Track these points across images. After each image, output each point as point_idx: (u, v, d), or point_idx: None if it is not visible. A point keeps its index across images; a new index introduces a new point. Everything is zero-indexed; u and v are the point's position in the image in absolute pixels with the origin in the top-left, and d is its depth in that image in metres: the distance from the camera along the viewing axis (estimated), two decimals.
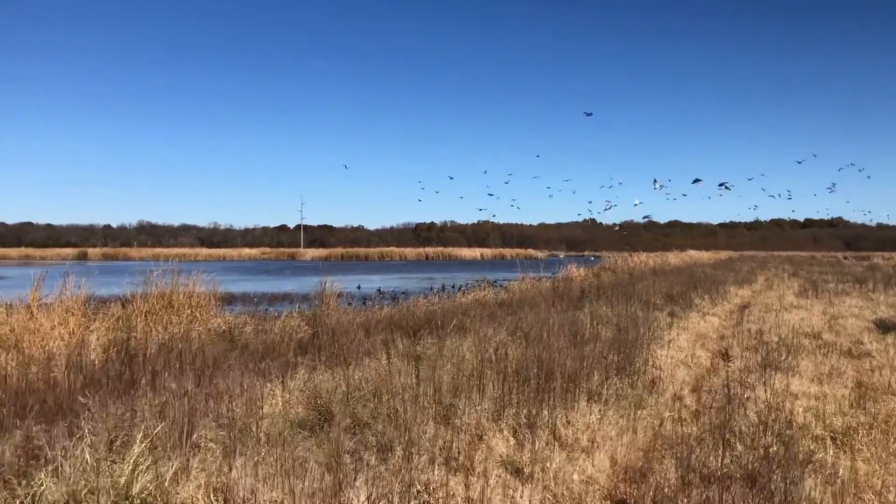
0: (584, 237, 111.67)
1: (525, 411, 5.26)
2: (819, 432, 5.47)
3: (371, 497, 3.57)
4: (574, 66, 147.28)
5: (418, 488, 3.79)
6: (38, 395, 4.97)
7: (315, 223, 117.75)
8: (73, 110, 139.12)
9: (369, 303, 13.73)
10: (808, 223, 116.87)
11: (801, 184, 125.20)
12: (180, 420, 4.16)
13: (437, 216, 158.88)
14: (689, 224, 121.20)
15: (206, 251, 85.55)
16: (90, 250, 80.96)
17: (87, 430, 3.74)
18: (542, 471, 4.29)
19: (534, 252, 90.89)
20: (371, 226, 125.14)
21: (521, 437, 4.90)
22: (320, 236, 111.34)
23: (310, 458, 4.18)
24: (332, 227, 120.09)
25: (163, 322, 9.77)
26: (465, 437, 4.69)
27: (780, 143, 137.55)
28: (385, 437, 4.52)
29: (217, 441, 4.23)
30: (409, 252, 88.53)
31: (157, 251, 66.74)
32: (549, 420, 5.20)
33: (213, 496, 3.48)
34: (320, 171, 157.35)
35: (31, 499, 3.21)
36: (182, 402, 4.47)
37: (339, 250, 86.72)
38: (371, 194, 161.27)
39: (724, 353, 8.13)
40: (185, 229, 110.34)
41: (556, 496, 4.08)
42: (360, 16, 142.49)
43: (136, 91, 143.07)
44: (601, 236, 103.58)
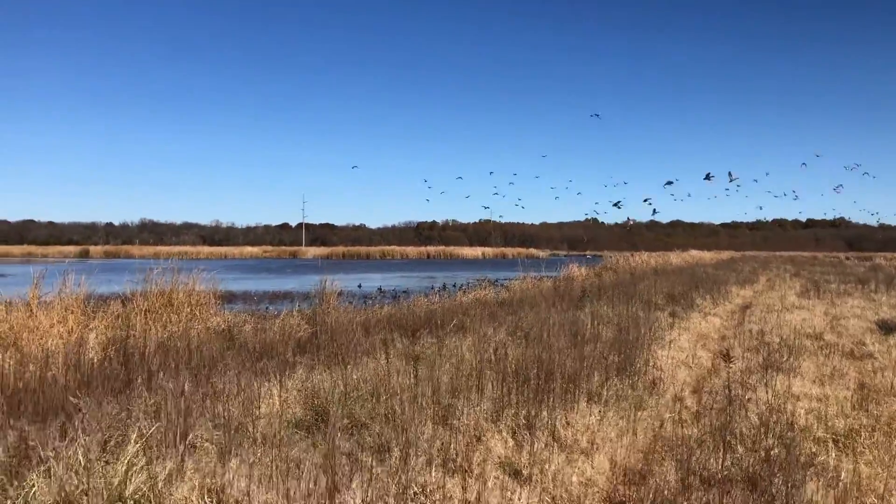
0: (586, 236, 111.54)
1: (524, 412, 5.22)
2: (821, 434, 5.42)
3: (366, 499, 3.54)
4: (579, 67, 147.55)
5: (415, 490, 3.76)
6: (34, 394, 4.94)
7: (317, 221, 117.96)
8: (75, 108, 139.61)
9: (370, 302, 13.71)
10: (811, 223, 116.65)
11: (806, 184, 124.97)
12: (175, 420, 4.12)
13: (439, 215, 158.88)
14: (692, 224, 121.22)
15: (207, 249, 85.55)
16: (92, 248, 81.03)
17: (80, 430, 3.71)
18: (541, 473, 4.25)
19: (535, 251, 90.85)
20: (373, 224, 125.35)
21: (520, 439, 4.85)
22: (322, 235, 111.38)
23: (306, 459, 4.14)
24: (333, 225, 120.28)
25: (162, 320, 9.74)
26: (463, 438, 4.65)
27: (785, 143, 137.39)
28: (382, 438, 4.48)
29: (213, 441, 4.20)
30: (411, 251, 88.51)
31: (159, 249, 66.87)
32: (548, 421, 5.16)
33: (207, 498, 3.44)
34: (322, 170, 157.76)
35: (22, 500, 3.18)
36: (178, 402, 4.44)
37: (341, 249, 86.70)
38: (373, 193, 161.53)
39: (725, 354, 8.07)
40: (187, 227, 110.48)
41: (554, 498, 4.04)
42: (363, 13, 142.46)
43: (139, 89, 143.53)
44: (603, 236, 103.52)
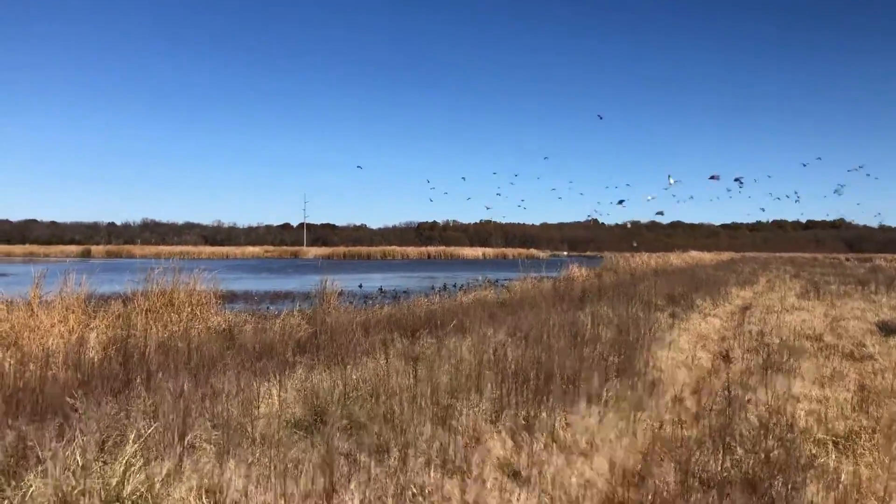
0: (586, 237, 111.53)
1: (523, 413, 5.21)
2: (821, 436, 5.41)
3: (364, 500, 3.53)
4: (581, 69, 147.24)
5: (413, 491, 3.75)
6: (33, 394, 4.93)
7: (318, 222, 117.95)
8: (77, 107, 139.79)
9: (370, 302, 13.71)
10: (811, 224, 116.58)
11: (808, 186, 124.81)
12: (174, 420, 4.12)
13: (440, 215, 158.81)
14: (692, 225, 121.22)
15: (209, 249, 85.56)
16: (94, 248, 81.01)
17: (78, 430, 3.71)
18: (540, 474, 4.24)
19: (536, 252, 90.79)
20: (374, 225, 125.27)
21: (520, 440, 4.85)
22: (323, 235, 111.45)
23: (305, 460, 4.14)
24: (334, 225, 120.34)
25: (163, 320, 9.75)
26: (462, 439, 4.64)
27: (787, 145, 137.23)
28: (381, 439, 4.47)
29: (211, 442, 4.19)
30: (412, 251, 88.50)
31: (161, 249, 66.86)
32: (547, 422, 5.15)
33: (205, 498, 3.43)
34: (324, 170, 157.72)
35: (19, 500, 3.17)
36: (177, 402, 4.44)
37: (342, 249, 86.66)
38: (374, 193, 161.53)
39: (725, 355, 8.07)
40: (189, 227, 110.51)
41: (552, 500, 4.03)
42: (365, 13, 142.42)
43: (141, 88, 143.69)
44: (603, 236, 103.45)
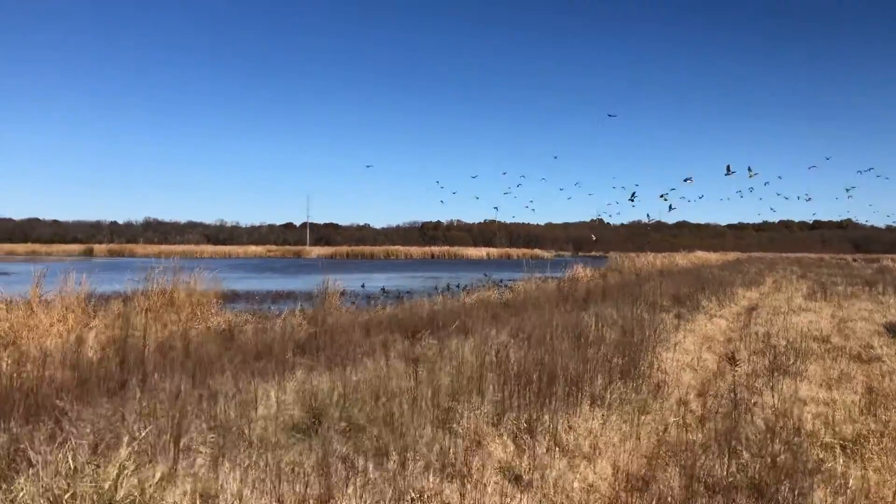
0: (594, 237, 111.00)
1: (526, 416, 5.13)
2: (828, 440, 5.31)
3: None
4: (590, 69, 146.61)
5: (412, 496, 3.67)
6: (28, 395, 4.87)
7: (321, 221, 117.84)
8: (80, 106, 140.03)
9: (373, 302, 13.64)
10: (817, 225, 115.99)
11: (817, 187, 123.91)
12: (170, 422, 4.05)
13: (444, 215, 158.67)
14: (698, 225, 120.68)
15: (211, 248, 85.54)
16: (96, 247, 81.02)
17: (71, 432, 3.64)
18: (542, 478, 4.16)
19: (540, 252, 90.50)
20: (377, 224, 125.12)
21: (522, 443, 4.77)
22: (326, 234, 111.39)
23: (303, 463, 4.07)
24: (337, 225, 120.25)
25: (163, 320, 9.70)
26: (463, 442, 4.57)
27: (797, 146, 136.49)
28: (380, 442, 4.40)
29: (207, 444, 4.12)
30: (415, 251, 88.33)
31: (163, 248, 66.86)
32: (550, 425, 5.07)
33: (199, 502, 3.37)
34: (327, 170, 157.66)
35: (10, 503, 3.11)
36: (173, 404, 4.37)
37: (345, 248, 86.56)
38: (377, 193, 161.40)
39: (730, 357, 7.96)
40: (192, 226, 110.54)
41: None
42: (370, 12, 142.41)
43: (144, 88, 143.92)
44: (608, 236, 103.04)
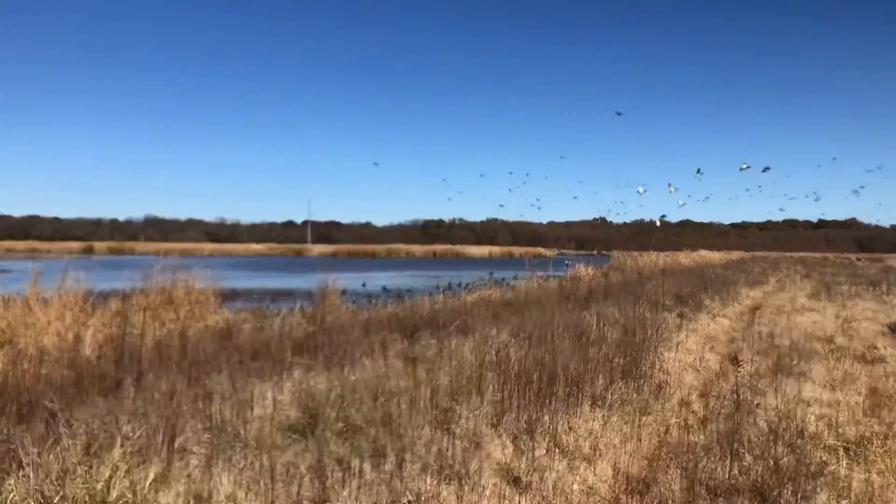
0: (594, 236, 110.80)
1: (525, 416, 5.07)
2: (832, 442, 5.25)
3: None
4: (595, 67, 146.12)
5: (409, 498, 3.62)
6: (22, 393, 4.83)
7: (322, 219, 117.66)
8: (80, 104, 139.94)
9: (374, 301, 13.58)
10: (822, 224, 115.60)
11: (824, 186, 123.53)
12: (164, 423, 3.99)
13: (446, 213, 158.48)
14: (701, 223, 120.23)
15: (212, 246, 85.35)
16: (96, 244, 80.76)
17: (63, 432, 3.59)
18: (541, 480, 4.10)
19: (543, 250, 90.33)
20: (379, 222, 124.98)
21: (521, 444, 4.71)
22: (328, 232, 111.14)
23: (299, 464, 4.01)
24: (339, 223, 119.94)
25: (161, 318, 9.66)
26: (461, 443, 4.51)
27: (803, 144, 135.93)
28: (378, 443, 4.34)
29: (202, 445, 4.07)
30: (417, 249, 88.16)
31: (164, 246, 66.73)
32: (550, 426, 5.01)
33: (192, 503, 3.32)
34: (328, 167, 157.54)
35: None
36: (168, 404, 4.32)
37: (347, 247, 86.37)
38: (379, 191, 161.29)
39: (733, 357, 7.90)
40: (192, 224, 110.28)
41: None
42: (372, 11, 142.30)
43: (145, 85, 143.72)
44: (611, 235, 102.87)
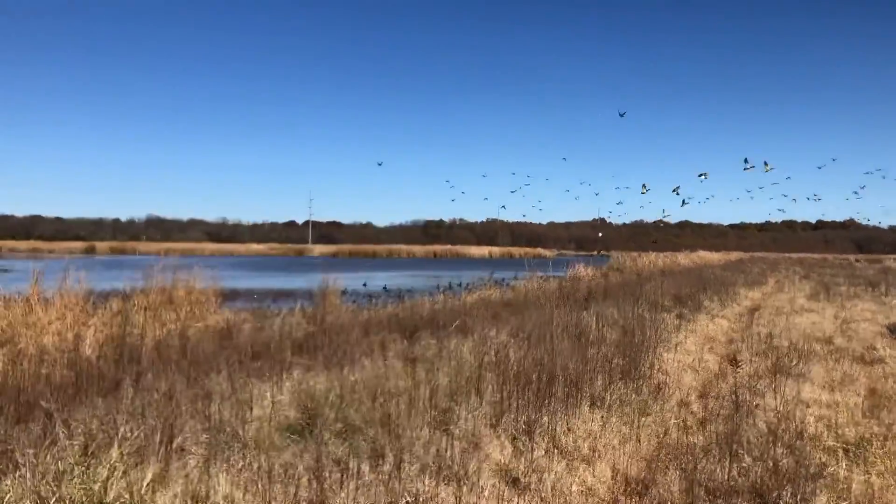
0: (593, 236, 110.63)
1: (524, 417, 5.07)
2: (831, 443, 5.24)
3: None
4: (596, 70, 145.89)
5: (407, 499, 3.61)
6: (23, 393, 4.83)
7: (324, 219, 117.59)
8: (83, 104, 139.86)
9: (374, 301, 13.58)
10: (820, 225, 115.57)
11: (824, 187, 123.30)
12: (163, 423, 3.99)
13: (447, 214, 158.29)
14: (700, 224, 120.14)
15: (213, 246, 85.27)
16: (98, 244, 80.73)
17: (60, 433, 3.59)
18: (539, 481, 4.10)
19: (543, 251, 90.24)
20: (380, 223, 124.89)
21: (520, 445, 4.71)
22: (329, 233, 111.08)
23: (297, 465, 4.01)
24: (340, 223, 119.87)
25: (161, 318, 9.66)
26: (460, 444, 4.51)
27: (804, 146, 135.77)
28: (376, 444, 4.34)
29: (200, 445, 4.07)
30: (418, 249, 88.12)
31: (165, 246, 66.67)
32: (549, 426, 5.01)
33: None
34: (329, 168, 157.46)
35: None
36: (167, 404, 4.32)
37: (348, 247, 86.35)
38: (380, 191, 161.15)
39: (732, 358, 7.90)
40: (194, 224, 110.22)
41: None
42: (375, 11, 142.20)
43: (146, 85, 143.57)
44: (611, 236, 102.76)
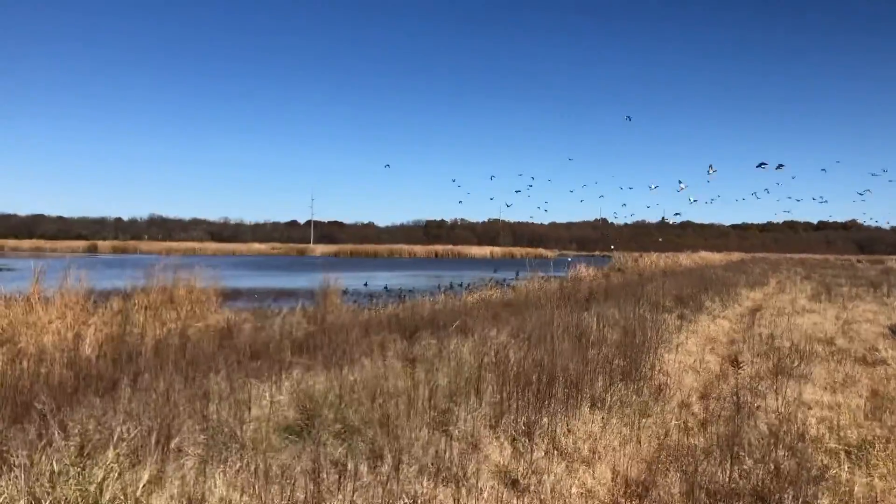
0: (595, 236, 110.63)
1: (524, 418, 5.04)
2: (833, 446, 5.21)
3: None
4: (601, 71, 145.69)
5: (405, 501, 3.59)
6: (21, 393, 4.81)
7: (325, 219, 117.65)
8: (85, 103, 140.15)
9: (375, 301, 13.56)
10: (822, 225, 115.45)
11: (828, 188, 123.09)
12: (159, 423, 3.97)
13: (448, 214, 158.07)
14: (702, 225, 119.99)
15: (215, 245, 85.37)
16: (100, 243, 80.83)
17: (56, 433, 3.57)
18: (539, 483, 4.07)
19: (544, 251, 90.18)
20: (381, 223, 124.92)
21: (519, 446, 4.68)
22: (330, 232, 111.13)
23: (295, 466, 3.99)
24: (342, 223, 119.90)
25: (162, 318, 9.64)
26: (459, 445, 4.48)
27: (808, 147, 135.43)
28: (375, 444, 4.31)
29: (198, 446, 4.04)
30: (419, 249, 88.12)
31: (167, 245, 66.84)
32: (549, 428, 4.98)
33: None
34: (331, 168, 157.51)
35: None
36: (165, 404, 4.29)
37: (349, 247, 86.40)
38: (382, 191, 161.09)
39: (733, 359, 7.86)
40: (196, 223, 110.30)
41: None
42: (378, 11, 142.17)
43: (148, 84, 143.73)
44: (612, 236, 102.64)
